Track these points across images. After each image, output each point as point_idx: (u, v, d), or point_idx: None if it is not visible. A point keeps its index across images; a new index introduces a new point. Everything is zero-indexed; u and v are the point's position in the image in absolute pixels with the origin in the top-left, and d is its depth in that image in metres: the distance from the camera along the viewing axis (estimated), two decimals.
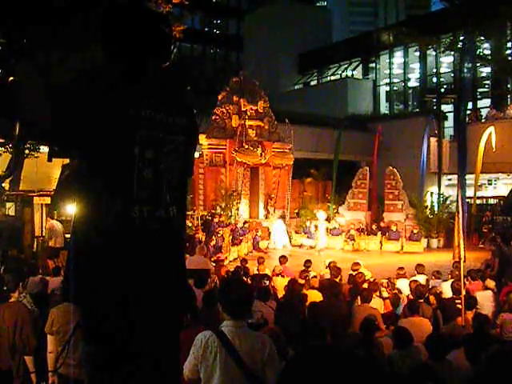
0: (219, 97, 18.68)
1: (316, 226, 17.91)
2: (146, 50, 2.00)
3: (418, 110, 29.44)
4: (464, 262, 6.34)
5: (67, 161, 2.21)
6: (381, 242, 18.34)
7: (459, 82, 18.45)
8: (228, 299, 2.79)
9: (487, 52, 24.38)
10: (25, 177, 13.71)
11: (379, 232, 18.62)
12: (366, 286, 7.75)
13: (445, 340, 4.41)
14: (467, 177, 16.72)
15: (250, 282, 8.36)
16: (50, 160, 2.06)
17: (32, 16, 8.89)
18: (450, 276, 8.96)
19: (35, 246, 13.00)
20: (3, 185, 12.19)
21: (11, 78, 1.81)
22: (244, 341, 2.71)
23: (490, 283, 7.52)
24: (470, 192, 19.80)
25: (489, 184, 24.90)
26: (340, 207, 20.57)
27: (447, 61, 29.41)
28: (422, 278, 8.62)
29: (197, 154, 17.06)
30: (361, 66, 33.49)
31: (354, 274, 8.69)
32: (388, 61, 32.22)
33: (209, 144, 18.09)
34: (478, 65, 25.73)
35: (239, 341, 2.69)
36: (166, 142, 2.00)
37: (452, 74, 28.96)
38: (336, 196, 20.81)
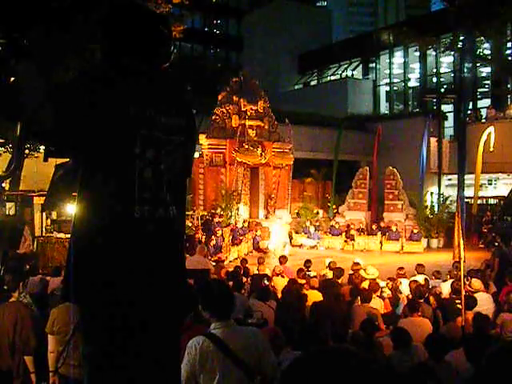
0: (219, 97, 18.67)
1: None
2: (145, 50, 2.00)
3: (418, 109, 29.44)
4: (464, 262, 6.33)
5: (61, 161, 2.20)
6: (381, 242, 18.35)
7: (459, 82, 18.45)
8: (211, 302, 2.79)
9: (487, 52, 24.38)
10: (25, 177, 13.71)
11: (379, 232, 18.63)
12: (366, 285, 7.75)
13: (444, 340, 4.41)
14: (467, 177, 16.77)
15: (249, 281, 8.37)
16: (45, 160, 2.06)
17: (32, 16, 8.89)
18: (448, 276, 8.97)
19: (35, 245, 12.99)
20: (3, 185, 12.18)
21: (12, 79, 1.81)
22: (237, 339, 2.70)
23: (476, 284, 7.41)
24: (470, 192, 19.83)
25: (489, 184, 24.90)
26: (340, 207, 20.58)
27: (447, 61, 29.42)
28: (421, 278, 8.62)
29: (197, 154, 17.05)
30: (361, 66, 33.51)
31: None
32: (388, 61, 32.23)
33: (209, 144, 18.09)
34: (478, 65, 25.74)
35: (233, 340, 2.68)
36: (166, 142, 2.00)
37: (452, 74, 28.95)
38: (336, 196, 20.82)
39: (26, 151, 13.06)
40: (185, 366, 2.69)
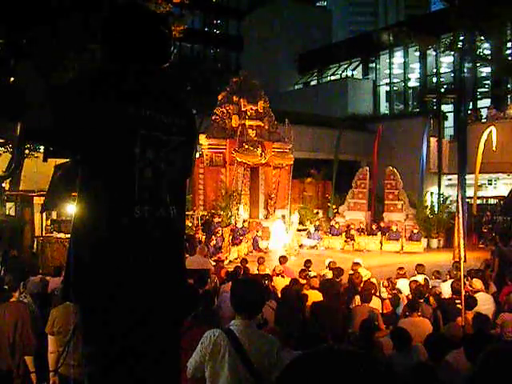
0: (219, 97, 18.67)
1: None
2: (146, 50, 2.00)
3: (417, 110, 29.46)
4: (464, 261, 6.33)
5: (61, 161, 2.21)
6: (381, 242, 18.34)
7: (459, 82, 18.46)
8: (243, 299, 2.77)
9: (487, 52, 24.38)
10: (25, 177, 13.71)
11: (379, 232, 18.62)
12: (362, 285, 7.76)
13: (444, 340, 4.41)
14: (467, 177, 16.74)
15: None
16: (45, 160, 2.06)
17: (31, 16, 8.88)
18: (448, 276, 8.97)
19: (35, 245, 13.00)
20: (3, 185, 12.19)
21: (12, 79, 1.81)
22: (253, 341, 2.69)
23: (477, 284, 7.44)
24: (470, 192, 19.82)
25: (489, 184, 24.91)
26: (340, 207, 20.58)
27: (447, 61, 29.42)
28: (421, 278, 8.62)
29: (197, 154, 17.04)
30: (361, 66, 33.51)
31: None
32: (388, 61, 32.23)
33: (209, 144, 18.09)
34: (478, 65, 25.73)
35: (248, 341, 2.67)
36: (165, 143, 2.00)
37: (452, 74, 28.97)
38: (336, 196, 20.81)
39: (26, 151, 13.06)
40: (195, 355, 2.71)
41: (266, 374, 2.64)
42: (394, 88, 32.70)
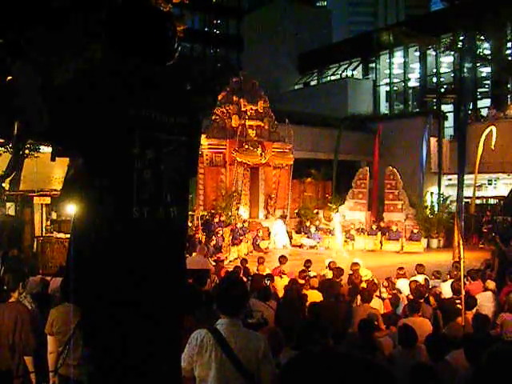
0: (219, 97, 18.67)
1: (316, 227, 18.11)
2: (150, 48, 1.98)
3: (417, 110, 29.46)
4: (464, 262, 6.33)
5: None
6: (381, 242, 18.35)
7: (459, 82, 18.46)
8: (222, 298, 2.81)
9: (487, 52, 24.38)
10: (25, 177, 13.69)
11: (379, 232, 18.62)
12: (364, 285, 7.75)
13: (444, 340, 4.41)
14: (467, 177, 16.76)
15: (250, 282, 8.36)
16: (53, 159, 2.06)
17: (30, 16, 8.86)
18: (448, 276, 8.97)
19: (35, 245, 12.99)
20: (3, 185, 12.18)
21: (9, 78, 1.81)
22: (239, 339, 2.70)
23: (490, 284, 7.53)
24: (470, 192, 19.84)
25: (489, 184, 24.90)
26: (340, 207, 20.58)
27: (447, 61, 29.43)
28: (421, 278, 8.62)
29: None
30: (361, 66, 33.51)
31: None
32: (388, 61, 32.24)
33: (209, 144, 18.08)
34: (478, 65, 25.74)
35: (234, 339, 2.69)
36: (166, 142, 1.99)
37: (452, 74, 28.97)
38: (336, 196, 20.81)
39: (26, 151, 13.04)
40: (183, 356, 2.72)
41: (254, 371, 2.66)
42: (394, 88, 32.71)
